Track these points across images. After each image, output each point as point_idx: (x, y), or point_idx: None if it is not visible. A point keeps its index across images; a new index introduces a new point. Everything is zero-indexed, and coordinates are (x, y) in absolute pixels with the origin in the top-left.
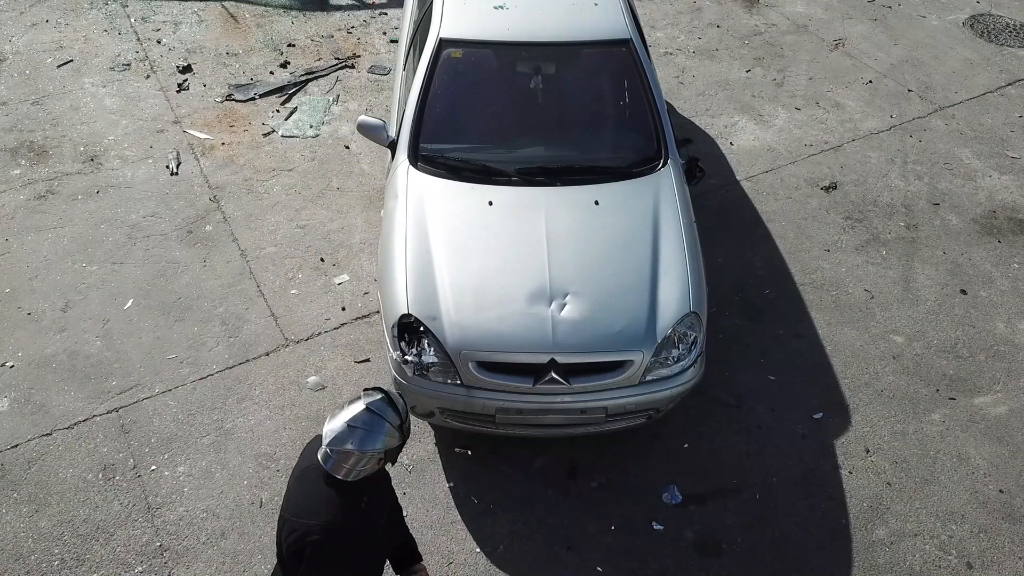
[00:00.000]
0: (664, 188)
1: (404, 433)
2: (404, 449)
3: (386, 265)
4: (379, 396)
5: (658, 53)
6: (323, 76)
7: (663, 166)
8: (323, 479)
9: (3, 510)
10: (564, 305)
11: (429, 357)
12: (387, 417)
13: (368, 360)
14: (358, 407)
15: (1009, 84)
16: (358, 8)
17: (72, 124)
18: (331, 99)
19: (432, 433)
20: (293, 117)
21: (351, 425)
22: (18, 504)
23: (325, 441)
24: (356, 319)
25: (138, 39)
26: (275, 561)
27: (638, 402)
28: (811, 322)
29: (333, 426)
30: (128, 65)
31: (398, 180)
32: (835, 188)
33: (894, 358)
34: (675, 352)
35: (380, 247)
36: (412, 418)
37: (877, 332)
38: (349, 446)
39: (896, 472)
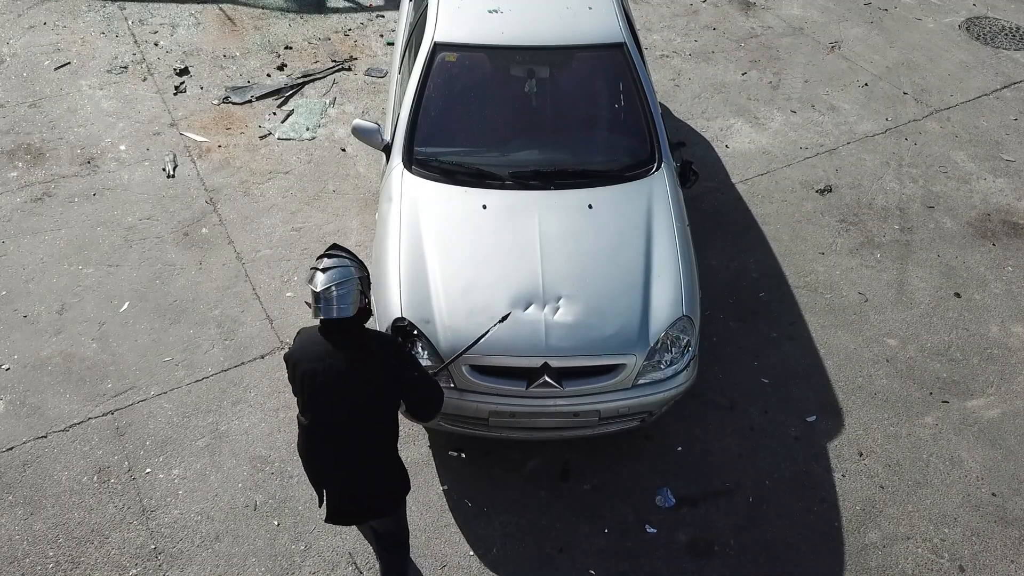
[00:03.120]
0: (657, 192)
1: (363, 267)
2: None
3: (380, 268)
4: (330, 249)
5: (654, 56)
6: (320, 79)
7: (656, 169)
8: (319, 332)
9: None
10: (557, 309)
11: (423, 360)
12: (344, 255)
13: None
14: (320, 262)
15: (1004, 87)
16: (355, 10)
17: (69, 126)
18: (327, 102)
19: (426, 436)
20: (290, 120)
21: (324, 270)
22: (13, 507)
23: (315, 290)
24: None
25: (135, 41)
26: (268, 564)
27: (631, 405)
28: (805, 325)
29: (316, 280)
30: (125, 67)
31: (392, 183)
32: (830, 191)
33: (887, 361)
34: (668, 356)
35: (374, 250)
36: (405, 421)
37: (871, 335)
38: (332, 285)
39: (889, 475)
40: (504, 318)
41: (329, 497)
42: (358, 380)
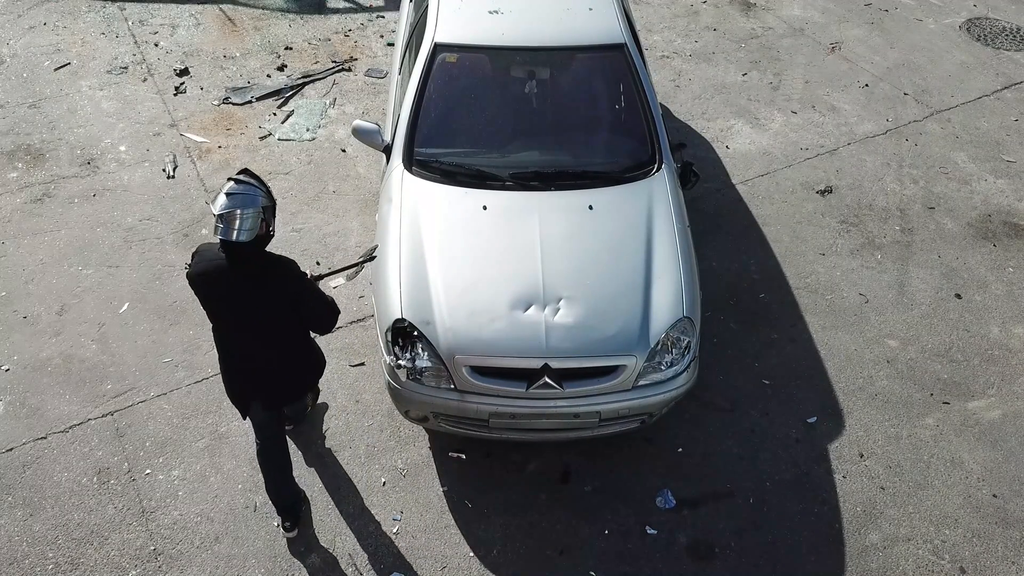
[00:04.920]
0: (658, 193)
1: (270, 196)
2: (399, 453)
3: (380, 269)
4: (240, 174)
5: (655, 56)
6: (320, 79)
7: (657, 171)
8: (219, 249)
9: None
10: (557, 310)
11: (423, 361)
12: (253, 183)
13: (363, 364)
14: (228, 184)
15: (1005, 88)
16: (355, 11)
17: (69, 127)
18: (328, 102)
19: (426, 438)
20: (290, 120)
21: (228, 194)
22: (12, 508)
23: (215, 212)
24: (351, 323)
25: (135, 42)
26: (268, 565)
27: (631, 407)
28: (805, 326)
29: (217, 202)
30: (125, 68)
31: (393, 184)
32: (830, 192)
33: (888, 362)
34: (668, 357)
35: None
36: (405, 422)
37: (871, 336)
38: (235, 209)
39: (890, 476)
40: (373, 249)
41: (254, 397)
42: (252, 296)
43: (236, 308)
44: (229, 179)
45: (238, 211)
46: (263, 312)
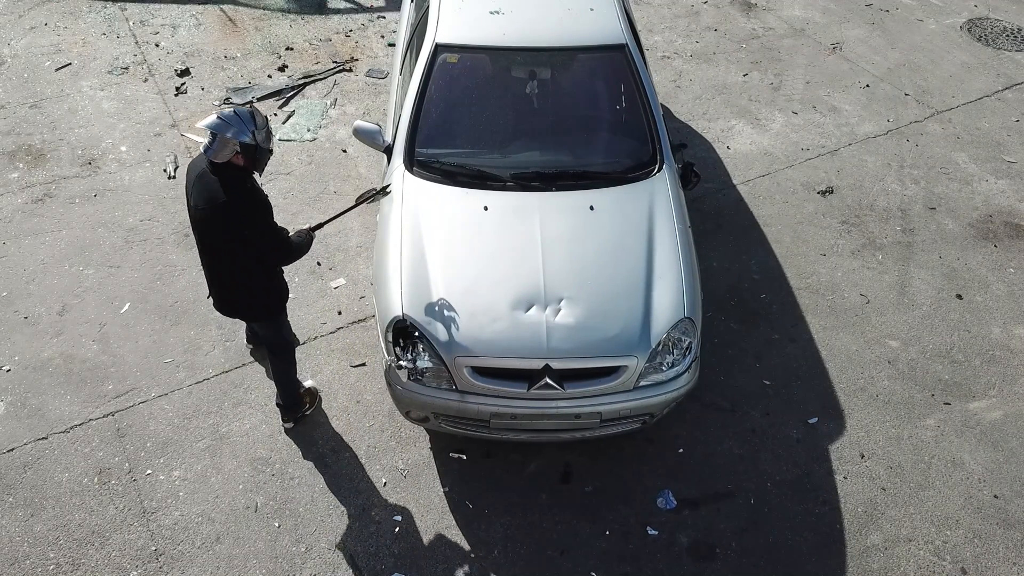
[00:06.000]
0: (659, 193)
1: (259, 138)
2: (399, 453)
3: (381, 270)
4: (247, 106)
5: (655, 57)
6: (321, 79)
7: (658, 171)
8: (208, 171)
9: None
10: (558, 310)
11: (424, 362)
12: (248, 119)
13: (364, 364)
14: (229, 109)
15: (1006, 88)
16: (356, 11)
17: (70, 127)
18: (328, 103)
19: (427, 438)
20: (291, 121)
21: (219, 116)
22: (14, 508)
23: (204, 124)
24: (352, 323)
25: (136, 42)
26: (269, 565)
27: (632, 407)
28: (806, 326)
29: (207, 118)
30: (126, 68)
31: (394, 185)
32: (831, 192)
33: (889, 363)
34: (669, 357)
35: (376, 252)
36: (406, 423)
37: (872, 337)
38: (211, 130)
39: (891, 477)
40: (385, 189)
41: (212, 292)
42: (212, 209)
43: (199, 213)
44: (236, 107)
45: (215, 133)
46: (216, 227)
